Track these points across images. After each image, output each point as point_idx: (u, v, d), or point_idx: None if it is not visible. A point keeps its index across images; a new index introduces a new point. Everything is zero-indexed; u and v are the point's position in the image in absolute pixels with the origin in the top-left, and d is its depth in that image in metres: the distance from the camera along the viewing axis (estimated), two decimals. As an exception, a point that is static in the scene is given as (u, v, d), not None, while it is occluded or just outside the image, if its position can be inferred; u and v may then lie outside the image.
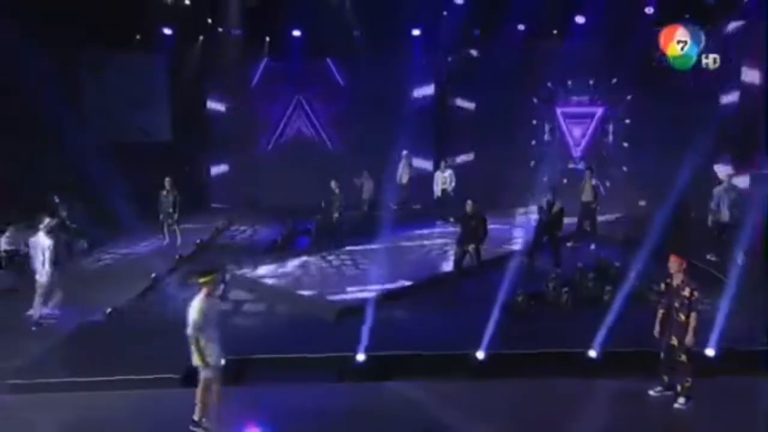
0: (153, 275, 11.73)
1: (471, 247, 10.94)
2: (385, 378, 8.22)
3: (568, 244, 13.15)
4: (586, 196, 13.63)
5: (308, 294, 10.96)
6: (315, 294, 10.93)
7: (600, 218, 14.13)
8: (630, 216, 15.34)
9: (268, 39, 17.67)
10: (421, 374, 8.20)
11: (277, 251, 13.87)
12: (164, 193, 14.28)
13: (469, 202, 11.05)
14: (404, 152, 16.33)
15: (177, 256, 13.08)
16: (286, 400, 7.65)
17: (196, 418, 6.81)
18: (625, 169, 16.93)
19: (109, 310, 10.10)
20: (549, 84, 17.29)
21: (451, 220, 11.19)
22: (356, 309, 9.85)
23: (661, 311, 7.49)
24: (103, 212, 14.27)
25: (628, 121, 16.79)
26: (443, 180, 15.81)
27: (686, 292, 7.23)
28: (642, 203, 15.69)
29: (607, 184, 16.45)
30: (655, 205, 12.53)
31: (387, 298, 10.38)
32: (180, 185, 14.38)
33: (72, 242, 13.27)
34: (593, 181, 13.87)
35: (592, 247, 13.40)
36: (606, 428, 7.18)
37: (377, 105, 18.02)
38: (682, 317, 7.24)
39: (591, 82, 16.92)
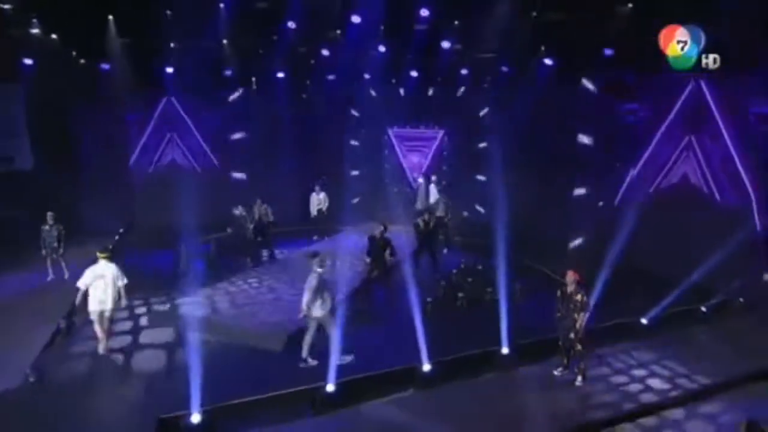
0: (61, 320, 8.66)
1: (380, 263, 10.01)
2: (346, 405, 6.79)
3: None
4: (440, 211, 13.56)
5: (249, 324, 8.77)
6: (254, 323, 8.82)
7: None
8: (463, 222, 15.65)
9: (141, 74, 14.40)
10: (375, 393, 6.99)
11: (182, 279, 10.79)
12: (47, 227, 10.96)
13: (381, 227, 10.13)
14: (421, 178, 15.73)
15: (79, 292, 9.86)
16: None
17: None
18: (444, 183, 17.21)
19: (27, 371, 6.96)
20: (395, 125, 16.93)
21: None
22: (296, 336, 8.27)
23: (558, 313, 7.54)
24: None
25: (445, 153, 17.10)
26: (318, 201, 14.50)
27: (578, 297, 7.41)
28: (465, 213, 16.08)
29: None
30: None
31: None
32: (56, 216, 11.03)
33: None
34: (445, 199, 13.85)
35: (445, 251, 13.32)
36: (538, 408, 6.95)
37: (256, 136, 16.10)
38: (576, 316, 7.41)
39: (422, 126, 17.03)
